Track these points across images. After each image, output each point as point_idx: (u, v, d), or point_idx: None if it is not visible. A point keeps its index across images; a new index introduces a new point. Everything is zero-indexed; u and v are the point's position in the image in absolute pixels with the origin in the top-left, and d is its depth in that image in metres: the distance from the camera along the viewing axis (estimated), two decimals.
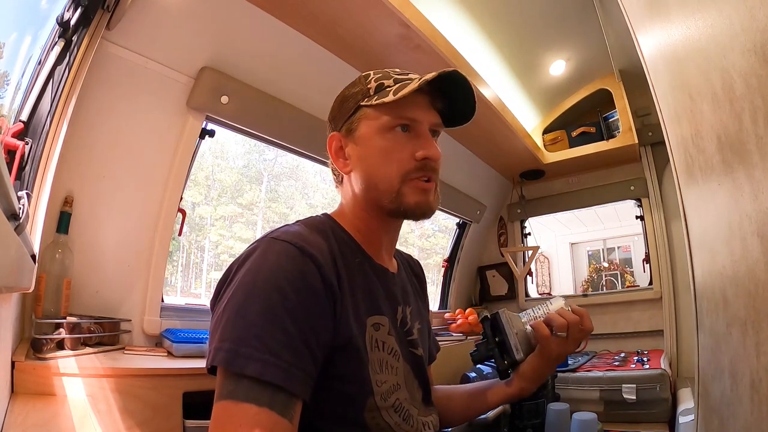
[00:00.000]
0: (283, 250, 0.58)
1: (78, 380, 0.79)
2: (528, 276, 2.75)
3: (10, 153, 0.75)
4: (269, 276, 0.55)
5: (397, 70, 0.71)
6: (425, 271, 0.94)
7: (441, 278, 2.71)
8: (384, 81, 0.69)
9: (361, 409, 0.60)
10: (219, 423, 0.49)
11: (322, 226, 0.68)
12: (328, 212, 0.75)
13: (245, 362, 0.49)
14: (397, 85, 0.67)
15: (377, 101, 0.67)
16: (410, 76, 0.70)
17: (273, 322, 0.52)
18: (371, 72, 0.72)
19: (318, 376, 0.56)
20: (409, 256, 0.92)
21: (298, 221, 0.69)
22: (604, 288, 4.53)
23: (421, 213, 0.70)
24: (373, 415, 0.61)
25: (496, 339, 0.80)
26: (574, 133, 2.44)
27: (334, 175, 0.77)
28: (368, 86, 0.70)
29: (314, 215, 0.74)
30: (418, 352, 0.74)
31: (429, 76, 0.65)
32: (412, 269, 0.89)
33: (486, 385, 0.85)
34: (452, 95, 0.71)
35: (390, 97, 0.65)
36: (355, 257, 0.68)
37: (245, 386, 0.49)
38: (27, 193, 0.73)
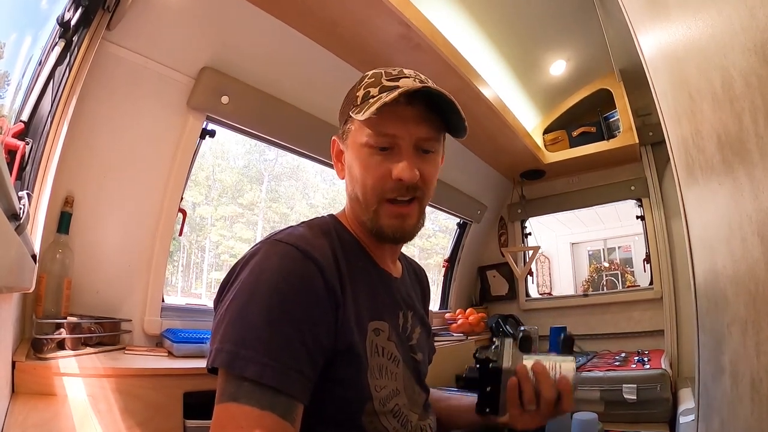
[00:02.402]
0: (286, 253, 0.57)
1: (78, 380, 0.80)
2: (528, 276, 2.75)
3: (11, 153, 0.75)
4: (271, 278, 0.55)
5: (393, 72, 0.66)
6: (426, 271, 0.94)
7: (441, 278, 2.71)
8: (371, 89, 0.64)
9: (360, 414, 0.60)
10: (220, 425, 0.49)
11: (327, 228, 0.67)
12: (334, 213, 0.75)
13: (245, 364, 0.49)
14: (378, 96, 0.62)
15: (355, 115, 0.63)
16: (400, 82, 0.63)
17: (273, 325, 0.52)
18: (369, 73, 0.68)
19: (317, 380, 0.55)
20: (415, 263, 0.92)
21: (302, 222, 0.68)
22: (605, 288, 4.53)
23: (394, 239, 0.67)
24: (371, 419, 0.61)
25: (487, 388, 0.69)
26: (575, 133, 2.44)
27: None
28: (357, 93, 0.66)
29: (320, 216, 0.73)
30: (418, 357, 0.73)
31: (389, 97, 0.59)
32: (417, 276, 0.88)
33: (460, 407, 0.82)
34: (442, 107, 0.64)
35: (360, 116, 0.61)
36: (358, 261, 0.67)
37: (247, 388, 0.49)
38: (28, 193, 0.73)
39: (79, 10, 0.88)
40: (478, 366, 0.69)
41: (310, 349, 0.54)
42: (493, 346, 0.71)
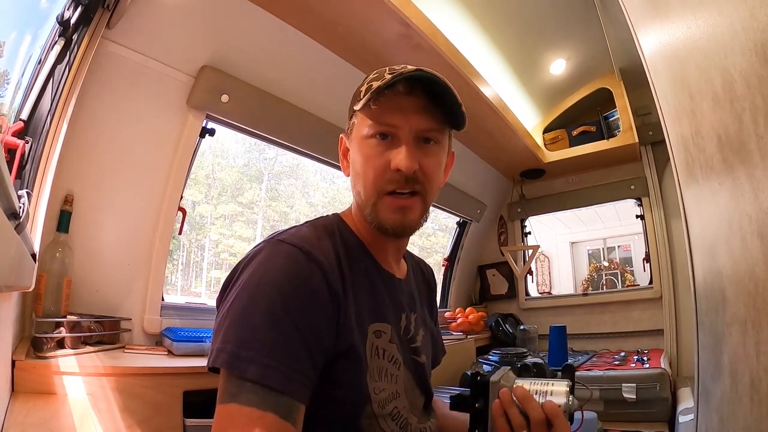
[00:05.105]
0: (289, 254, 0.57)
1: (78, 379, 0.80)
2: (528, 275, 2.75)
3: (11, 152, 0.75)
4: (274, 279, 0.55)
5: (397, 67, 0.64)
6: (432, 269, 0.93)
7: (441, 277, 2.72)
8: (374, 83, 0.62)
9: (358, 416, 0.60)
10: (222, 426, 0.49)
11: (331, 228, 0.67)
12: (338, 212, 0.74)
13: (246, 365, 0.49)
14: (378, 83, 0.61)
15: (356, 106, 0.64)
16: (399, 69, 0.62)
17: (275, 326, 0.52)
18: (376, 70, 0.67)
19: (317, 382, 0.55)
20: (422, 261, 0.91)
21: (307, 222, 0.68)
22: (604, 287, 4.53)
23: (394, 233, 0.65)
24: (370, 422, 0.61)
25: (477, 405, 0.65)
26: (575, 132, 2.44)
27: None
28: (361, 88, 0.65)
29: (324, 215, 0.73)
30: (420, 359, 0.73)
31: (382, 82, 0.59)
32: (423, 275, 0.88)
33: (455, 423, 0.79)
34: (444, 99, 0.63)
35: (358, 106, 0.61)
36: (361, 263, 0.67)
37: (248, 389, 0.49)
38: (27, 192, 0.73)
39: (79, 9, 0.88)
40: (471, 378, 0.66)
41: (312, 351, 0.54)
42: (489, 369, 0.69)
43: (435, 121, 0.64)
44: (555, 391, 0.59)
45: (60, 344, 0.87)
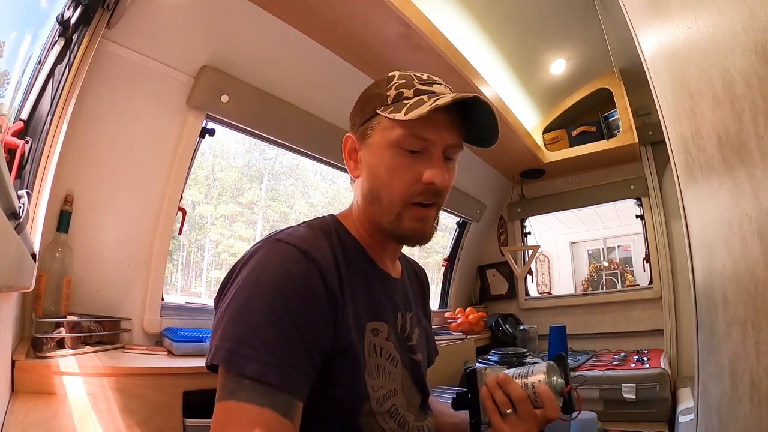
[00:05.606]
0: (287, 253, 0.58)
1: (78, 379, 0.80)
2: (528, 275, 2.75)
3: (11, 152, 0.75)
4: (272, 278, 0.55)
5: (424, 77, 0.67)
6: (426, 270, 0.94)
7: (441, 277, 2.72)
8: (404, 90, 0.64)
9: (356, 414, 0.60)
10: (221, 423, 0.49)
11: (327, 229, 0.67)
12: (335, 213, 0.74)
13: (245, 362, 0.50)
14: (416, 99, 0.63)
15: (390, 114, 0.63)
16: (433, 87, 0.65)
17: (273, 323, 0.52)
18: (396, 74, 0.67)
19: (315, 380, 0.56)
20: (415, 263, 0.91)
21: (303, 223, 0.68)
22: (604, 287, 4.53)
23: (416, 241, 0.67)
24: (368, 419, 0.61)
25: (469, 395, 0.72)
26: (575, 133, 2.44)
27: (350, 173, 0.74)
28: (388, 93, 0.65)
29: (320, 216, 0.73)
30: (417, 357, 0.73)
31: (442, 101, 0.59)
32: (417, 276, 0.88)
33: (453, 422, 0.82)
34: (477, 117, 0.66)
35: (401, 115, 0.61)
36: (358, 262, 0.67)
37: (247, 387, 0.49)
38: (27, 192, 0.73)
39: (79, 9, 0.88)
40: (464, 376, 0.73)
41: (310, 349, 0.54)
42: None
43: (461, 138, 0.67)
44: (535, 370, 0.66)
45: (60, 344, 0.87)
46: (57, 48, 0.85)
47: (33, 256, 0.73)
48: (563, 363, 0.67)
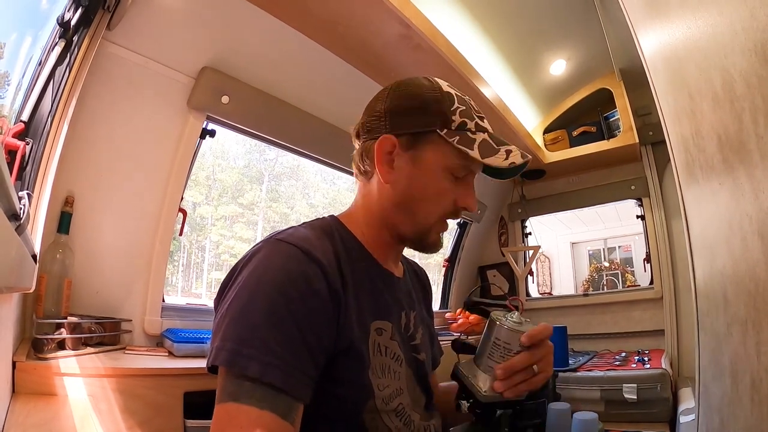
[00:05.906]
0: (289, 253, 0.57)
1: (79, 380, 0.80)
2: (529, 275, 2.75)
3: (11, 153, 0.75)
4: (274, 278, 0.55)
5: (474, 106, 0.71)
6: (426, 271, 0.94)
7: (441, 278, 2.71)
8: (467, 120, 0.67)
9: (361, 412, 0.60)
10: (220, 425, 0.49)
11: (329, 229, 0.67)
12: (335, 214, 0.74)
13: (246, 363, 0.49)
14: (481, 138, 0.67)
15: (461, 146, 0.64)
16: (485, 123, 0.70)
17: (275, 323, 0.52)
18: (453, 94, 0.68)
19: (319, 380, 0.55)
20: (415, 263, 0.91)
21: (304, 223, 0.68)
22: (605, 287, 4.53)
23: (433, 250, 0.73)
24: (372, 417, 0.61)
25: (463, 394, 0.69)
26: (575, 133, 2.44)
27: (359, 169, 0.72)
28: (452, 116, 0.66)
29: (321, 217, 0.73)
30: (421, 357, 0.73)
31: (517, 159, 0.68)
32: (418, 276, 0.88)
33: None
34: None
35: (475, 154, 0.64)
36: (361, 262, 0.67)
37: (247, 388, 0.49)
38: (28, 194, 0.73)
39: (79, 10, 0.88)
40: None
41: (312, 349, 0.54)
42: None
43: None
44: (513, 318, 0.66)
45: (60, 345, 0.88)
46: (57, 49, 0.85)
47: (34, 257, 0.73)
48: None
